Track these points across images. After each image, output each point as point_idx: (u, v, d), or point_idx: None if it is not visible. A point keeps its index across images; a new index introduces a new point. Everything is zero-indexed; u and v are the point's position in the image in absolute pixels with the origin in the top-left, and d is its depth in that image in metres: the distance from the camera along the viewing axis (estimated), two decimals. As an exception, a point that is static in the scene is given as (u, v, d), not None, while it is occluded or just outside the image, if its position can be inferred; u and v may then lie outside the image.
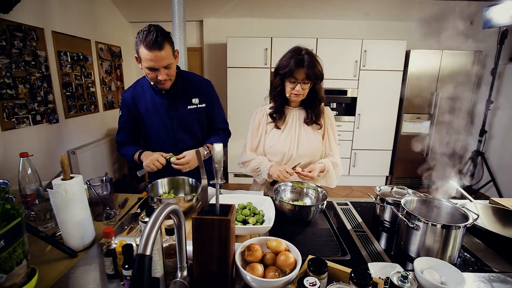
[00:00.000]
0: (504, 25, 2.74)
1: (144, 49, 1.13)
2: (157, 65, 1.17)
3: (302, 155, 1.39)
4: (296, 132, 1.39)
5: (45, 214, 1.06)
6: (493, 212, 1.15)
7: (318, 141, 1.40)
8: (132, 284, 0.49)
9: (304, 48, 1.30)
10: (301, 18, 3.87)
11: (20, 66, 2.27)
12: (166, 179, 1.26)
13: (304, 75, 1.26)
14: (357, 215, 1.23)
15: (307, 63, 1.24)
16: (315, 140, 1.39)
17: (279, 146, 1.40)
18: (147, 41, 1.11)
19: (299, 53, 1.27)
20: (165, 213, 0.58)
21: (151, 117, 1.39)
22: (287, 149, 1.39)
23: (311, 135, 1.39)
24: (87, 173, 2.95)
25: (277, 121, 1.41)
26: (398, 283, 0.70)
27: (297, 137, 1.39)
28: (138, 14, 3.90)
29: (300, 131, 1.40)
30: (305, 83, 1.29)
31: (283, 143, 1.39)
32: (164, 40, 1.14)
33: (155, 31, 1.12)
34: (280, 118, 1.41)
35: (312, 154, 1.40)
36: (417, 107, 3.62)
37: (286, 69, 1.26)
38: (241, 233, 0.99)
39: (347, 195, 3.71)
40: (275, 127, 1.42)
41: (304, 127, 1.40)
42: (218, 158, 0.69)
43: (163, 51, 1.15)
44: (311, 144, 1.39)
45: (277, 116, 1.40)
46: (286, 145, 1.39)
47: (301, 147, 1.39)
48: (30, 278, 0.71)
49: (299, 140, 1.39)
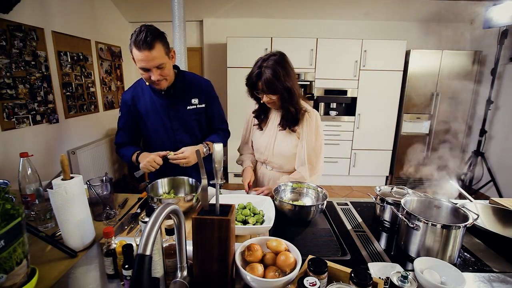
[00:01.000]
0: (504, 25, 2.74)
1: (135, 49, 1.14)
2: (148, 65, 1.16)
3: (276, 155, 1.41)
4: (274, 134, 1.41)
5: (45, 214, 1.06)
6: (493, 212, 1.15)
7: (293, 145, 1.38)
8: (132, 284, 0.49)
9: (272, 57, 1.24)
10: (301, 18, 3.87)
11: (20, 66, 2.27)
12: (166, 179, 1.27)
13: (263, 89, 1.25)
14: (357, 215, 1.23)
15: (264, 78, 1.22)
16: (290, 144, 1.38)
17: (259, 145, 1.46)
18: (137, 41, 1.12)
19: (261, 65, 1.24)
20: (165, 213, 0.58)
21: (151, 118, 1.39)
22: (264, 149, 1.43)
23: (286, 139, 1.39)
24: (87, 173, 2.95)
25: (261, 123, 1.46)
26: (398, 283, 0.70)
27: (274, 138, 1.41)
28: (138, 14, 3.90)
29: (276, 134, 1.41)
30: (271, 94, 1.27)
31: (262, 142, 1.45)
32: (155, 39, 1.14)
33: (145, 31, 1.12)
34: (263, 120, 1.46)
35: (285, 156, 1.40)
36: (417, 107, 3.62)
37: (248, 82, 1.29)
38: (241, 233, 0.99)
39: (347, 195, 3.71)
40: (258, 128, 1.47)
41: (280, 130, 1.40)
42: (218, 158, 0.69)
43: (154, 50, 1.14)
44: (285, 147, 1.39)
45: (261, 118, 1.46)
46: (264, 144, 1.43)
47: (276, 148, 1.41)
48: (30, 278, 0.71)
49: (275, 142, 1.41)
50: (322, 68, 3.58)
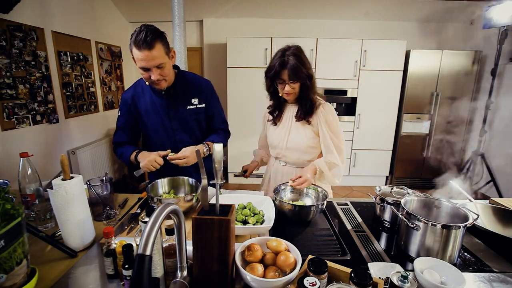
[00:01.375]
0: (504, 25, 2.74)
1: (135, 49, 1.14)
2: (148, 64, 1.16)
3: (291, 149, 1.42)
4: (289, 127, 1.42)
5: (45, 214, 1.06)
6: (493, 212, 1.15)
7: (309, 137, 1.39)
8: (132, 284, 0.49)
9: (292, 47, 1.29)
10: (301, 18, 3.87)
11: (20, 66, 2.27)
12: (166, 179, 1.27)
13: (288, 77, 1.27)
14: (357, 215, 1.23)
15: (290, 65, 1.25)
16: (305, 136, 1.39)
17: (273, 140, 1.47)
18: (137, 41, 1.12)
19: (283, 54, 1.27)
20: (165, 213, 0.58)
21: (151, 118, 1.39)
22: (278, 143, 1.44)
23: (300, 131, 1.40)
24: (87, 173, 2.95)
25: (275, 119, 1.47)
26: (398, 283, 0.70)
27: (288, 132, 1.42)
28: (138, 14, 3.90)
29: (291, 126, 1.42)
30: (293, 83, 1.29)
31: (276, 137, 1.46)
32: (155, 39, 1.14)
33: (145, 31, 1.12)
34: (278, 116, 1.46)
35: (301, 149, 1.41)
36: (417, 107, 3.62)
37: (272, 72, 1.30)
38: (241, 233, 0.99)
39: (347, 195, 3.71)
40: (273, 124, 1.48)
41: (295, 123, 1.41)
42: (218, 158, 0.69)
43: (154, 50, 1.14)
44: (299, 140, 1.40)
45: (276, 114, 1.46)
46: (278, 139, 1.44)
47: (290, 141, 1.41)
48: (30, 278, 0.71)
49: (289, 135, 1.42)
50: (322, 68, 3.58)
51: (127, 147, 1.41)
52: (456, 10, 3.49)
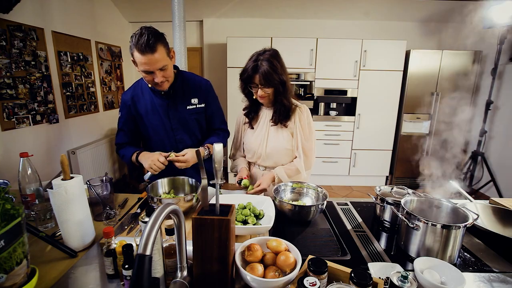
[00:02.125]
0: (504, 25, 2.74)
1: (137, 53, 1.13)
2: (152, 68, 1.16)
3: (270, 153, 1.41)
4: (266, 131, 1.42)
5: (45, 214, 1.06)
6: (493, 212, 1.15)
7: (287, 140, 1.39)
8: (132, 284, 0.49)
9: (267, 51, 1.27)
10: (301, 18, 3.87)
11: (20, 66, 2.27)
12: (166, 179, 1.27)
13: (259, 81, 1.26)
14: (357, 215, 1.23)
15: (262, 70, 1.24)
16: (283, 140, 1.39)
17: (251, 145, 1.45)
18: (139, 45, 1.11)
19: (257, 58, 1.26)
20: (165, 213, 0.58)
21: (151, 118, 1.39)
22: (257, 147, 1.43)
23: (278, 135, 1.40)
24: (87, 173, 2.95)
25: (252, 121, 1.46)
26: (398, 283, 0.70)
27: (267, 136, 1.41)
28: (138, 14, 3.90)
29: (269, 130, 1.41)
30: (266, 87, 1.28)
31: (254, 141, 1.44)
32: (157, 42, 1.13)
33: (146, 34, 1.11)
34: (254, 118, 1.46)
35: (279, 152, 1.41)
36: (417, 107, 3.62)
37: (245, 75, 1.29)
38: (241, 233, 0.99)
39: (347, 195, 3.71)
40: (249, 127, 1.47)
41: (272, 126, 1.41)
42: (218, 158, 0.69)
43: (157, 53, 1.14)
44: (278, 143, 1.39)
45: (251, 116, 1.46)
46: (257, 143, 1.43)
47: (269, 145, 1.41)
48: (30, 278, 0.71)
49: (268, 139, 1.41)
50: (322, 68, 3.58)
51: (128, 149, 1.41)
52: (456, 10, 3.49)
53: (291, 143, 1.39)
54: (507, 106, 3.27)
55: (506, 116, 3.30)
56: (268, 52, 1.27)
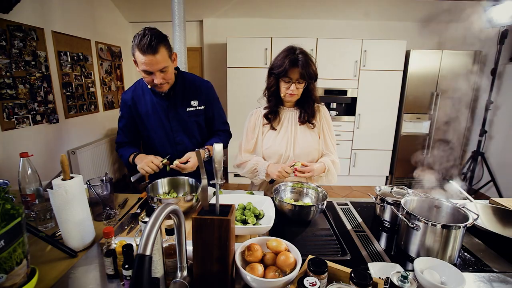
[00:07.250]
0: (504, 25, 2.74)
1: (139, 53, 1.13)
2: (152, 68, 1.16)
3: (299, 155, 1.38)
4: (292, 133, 1.39)
5: (45, 214, 1.06)
6: (493, 212, 1.15)
7: (315, 140, 1.40)
8: (132, 284, 0.49)
9: (298, 47, 1.29)
10: (301, 18, 3.87)
11: (20, 66, 2.27)
12: (166, 179, 1.26)
13: (298, 75, 1.26)
14: (357, 215, 1.22)
15: (301, 62, 1.24)
16: (311, 140, 1.39)
17: (276, 148, 1.39)
18: (141, 45, 1.11)
19: (293, 52, 1.26)
20: (165, 213, 0.58)
21: (151, 119, 1.39)
22: (284, 150, 1.38)
23: (307, 135, 1.39)
24: (87, 173, 2.95)
25: (272, 122, 1.40)
26: (398, 283, 0.70)
27: (294, 138, 1.39)
28: (138, 14, 3.90)
29: (296, 131, 1.39)
30: (300, 83, 1.28)
31: (279, 144, 1.39)
32: (159, 43, 1.13)
33: (149, 35, 1.11)
34: (275, 119, 1.41)
35: (308, 153, 1.39)
36: (417, 107, 3.62)
37: (280, 69, 1.26)
38: (241, 233, 0.99)
39: (347, 195, 3.71)
40: (271, 128, 1.41)
41: (299, 127, 1.40)
42: (218, 158, 0.69)
43: (158, 54, 1.14)
44: (307, 144, 1.38)
45: (272, 117, 1.40)
46: (283, 146, 1.38)
47: (297, 147, 1.38)
48: (30, 278, 0.71)
49: (296, 141, 1.39)
50: (322, 68, 3.57)
51: (127, 149, 1.41)
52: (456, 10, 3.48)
53: (318, 143, 1.39)
54: (507, 106, 3.27)
55: (506, 116, 3.30)
56: (299, 48, 1.29)
